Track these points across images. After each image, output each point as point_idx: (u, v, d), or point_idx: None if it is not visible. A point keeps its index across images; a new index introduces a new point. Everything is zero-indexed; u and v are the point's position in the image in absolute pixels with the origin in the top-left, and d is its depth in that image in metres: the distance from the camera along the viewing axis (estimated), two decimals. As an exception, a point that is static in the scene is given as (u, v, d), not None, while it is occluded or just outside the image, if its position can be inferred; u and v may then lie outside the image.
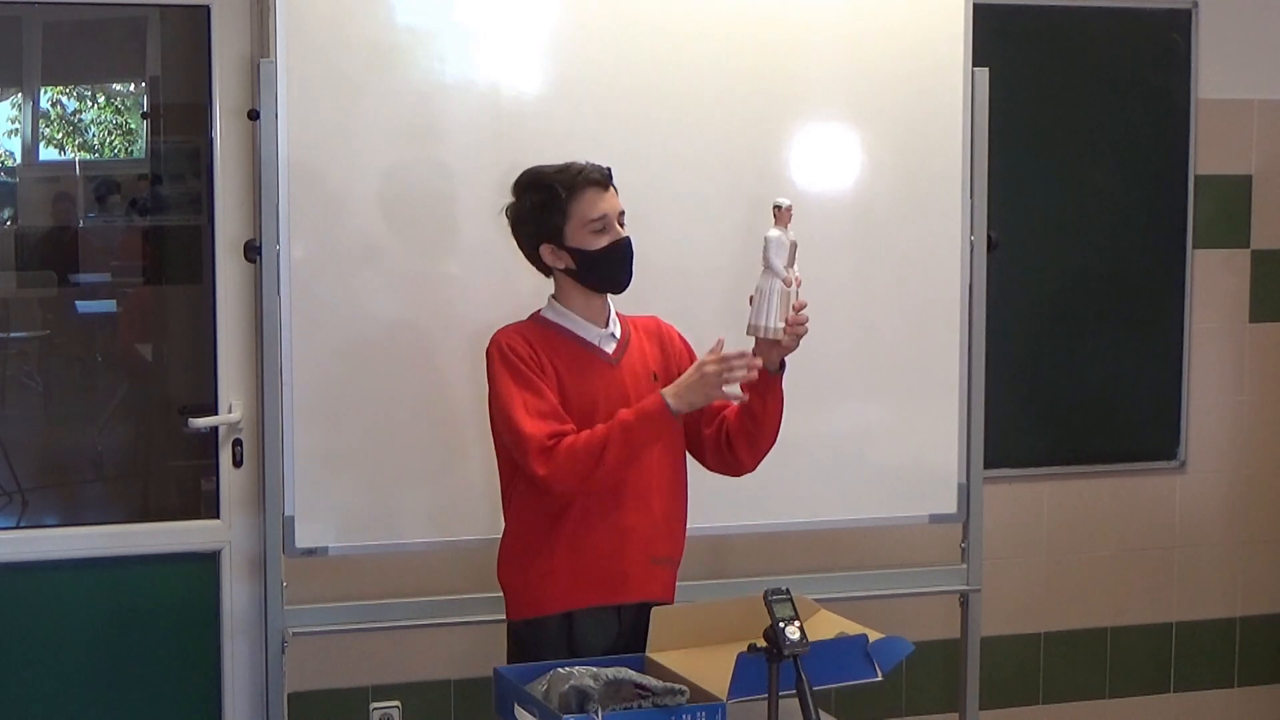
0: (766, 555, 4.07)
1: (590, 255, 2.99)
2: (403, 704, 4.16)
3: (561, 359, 3.01)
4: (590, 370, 3.03)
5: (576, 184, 2.98)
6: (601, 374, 3.03)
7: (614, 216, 3.01)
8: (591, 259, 3.00)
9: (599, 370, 3.04)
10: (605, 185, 3.01)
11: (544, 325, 3.06)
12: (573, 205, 2.98)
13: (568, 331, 3.05)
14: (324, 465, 3.52)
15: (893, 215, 3.84)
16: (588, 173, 2.99)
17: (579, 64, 3.64)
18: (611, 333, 3.08)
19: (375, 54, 3.51)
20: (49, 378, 4.67)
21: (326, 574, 3.80)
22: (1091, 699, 4.73)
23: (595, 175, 3.00)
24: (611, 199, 3.02)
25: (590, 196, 2.98)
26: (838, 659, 2.84)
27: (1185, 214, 4.64)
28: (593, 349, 3.05)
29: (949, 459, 3.89)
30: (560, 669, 2.76)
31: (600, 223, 2.98)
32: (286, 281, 3.46)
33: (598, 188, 2.99)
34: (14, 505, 4.47)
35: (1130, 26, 4.55)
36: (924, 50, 3.82)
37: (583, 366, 3.02)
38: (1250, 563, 4.83)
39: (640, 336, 3.13)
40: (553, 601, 3.04)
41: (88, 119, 4.72)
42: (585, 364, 3.03)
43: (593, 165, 3.02)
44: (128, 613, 3.99)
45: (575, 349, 3.03)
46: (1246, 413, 4.78)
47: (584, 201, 2.98)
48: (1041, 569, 4.66)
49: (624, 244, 3.02)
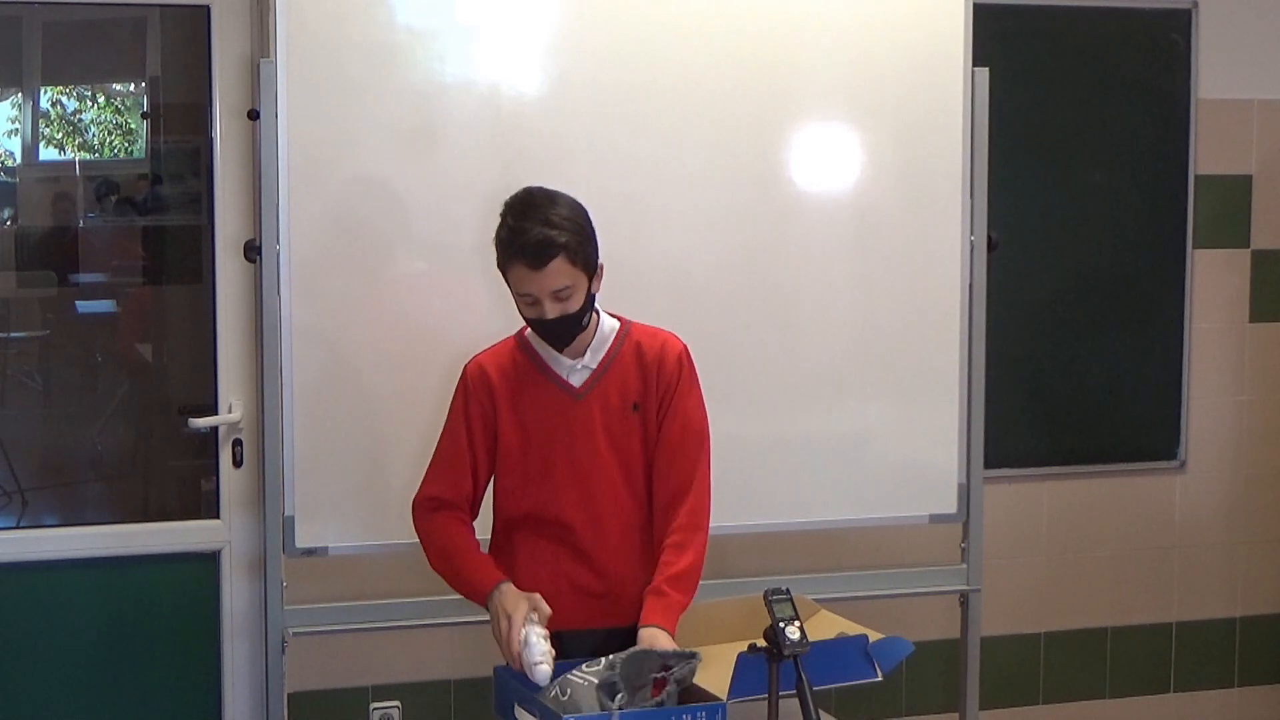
0: (766, 555, 4.07)
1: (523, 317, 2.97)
2: (403, 704, 4.16)
3: (526, 393, 2.99)
4: (551, 406, 2.99)
5: (510, 254, 2.86)
6: (563, 409, 2.99)
7: (543, 295, 2.84)
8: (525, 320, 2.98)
9: (561, 406, 2.99)
10: (539, 265, 2.82)
11: (522, 351, 3.02)
12: (506, 271, 2.89)
13: (540, 361, 3.00)
14: (324, 465, 3.52)
15: (893, 215, 3.84)
16: (519, 249, 2.83)
17: (579, 64, 3.64)
18: (587, 364, 3.00)
19: (375, 54, 3.51)
20: (49, 378, 4.66)
21: (326, 574, 3.80)
22: (1091, 699, 4.73)
23: (528, 255, 2.82)
24: (541, 279, 2.83)
25: (518, 272, 2.85)
26: (838, 659, 2.84)
27: (1185, 214, 4.64)
28: (559, 382, 2.99)
29: (949, 459, 3.89)
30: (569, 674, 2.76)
31: (528, 298, 2.88)
32: (286, 281, 3.46)
33: (525, 267, 2.83)
34: (14, 505, 4.46)
35: (1130, 26, 4.56)
36: (924, 50, 3.82)
37: (545, 402, 2.99)
38: (1250, 563, 4.83)
39: (626, 364, 3.02)
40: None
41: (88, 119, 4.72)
42: (548, 398, 2.99)
43: (535, 239, 2.81)
44: (128, 613, 3.99)
45: (542, 382, 3.00)
46: (1246, 413, 4.78)
47: (513, 274, 2.87)
48: (1041, 569, 4.66)
49: (545, 324, 2.89)
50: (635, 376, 3.02)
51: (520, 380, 3.00)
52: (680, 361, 3.05)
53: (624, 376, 3.02)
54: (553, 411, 2.99)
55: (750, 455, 3.75)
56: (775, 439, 3.79)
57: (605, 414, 3.00)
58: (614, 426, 3.00)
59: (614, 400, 3.01)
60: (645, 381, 3.02)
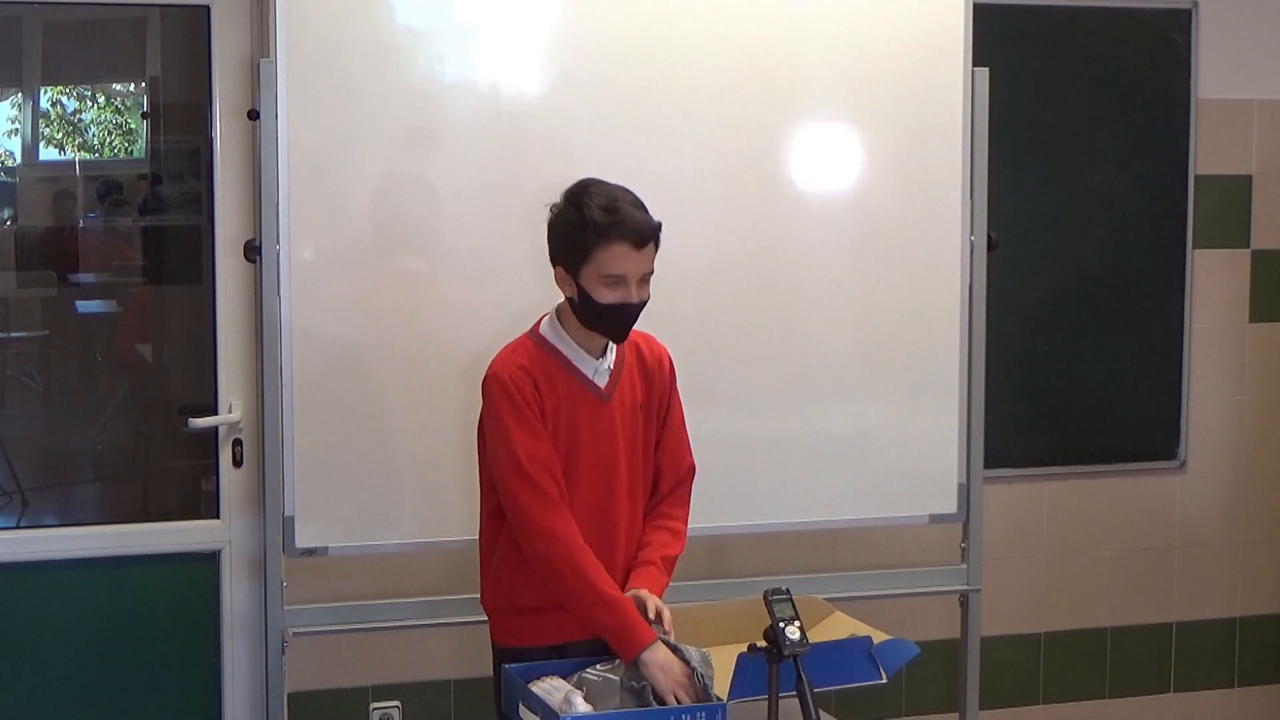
0: (766, 555, 4.07)
1: (594, 304, 2.87)
2: (403, 704, 4.16)
3: (558, 391, 2.93)
4: (582, 405, 2.95)
5: (611, 235, 2.82)
6: (591, 410, 2.96)
7: (634, 277, 2.85)
8: (594, 307, 2.88)
9: (590, 406, 2.96)
10: (641, 245, 2.84)
11: (543, 349, 2.96)
12: (597, 251, 2.83)
13: (565, 360, 2.95)
14: (324, 465, 3.52)
15: (893, 215, 3.84)
16: (628, 226, 2.83)
17: (579, 64, 3.64)
18: (607, 366, 2.98)
19: (375, 54, 3.51)
20: (49, 378, 4.66)
21: (326, 574, 3.80)
22: (1091, 699, 4.73)
23: (633, 234, 2.83)
24: (640, 259, 2.85)
25: (618, 251, 2.83)
26: (842, 660, 2.84)
27: (1185, 214, 4.64)
28: (587, 383, 2.96)
29: (949, 459, 3.90)
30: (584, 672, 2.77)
31: (617, 279, 2.85)
32: (286, 281, 3.46)
33: (630, 245, 2.83)
34: (14, 505, 4.46)
35: (1130, 26, 4.55)
36: (924, 50, 3.82)
37: (576, 400, 2.94)
38: (1250, 563, 4.83)
39: (631, 368, 3.03)
40: (548, 633, 2.97)
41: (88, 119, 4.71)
42: (579, 398, 2.95)
43: (639, 219, 2.85)
44: (128, 613, 3.99)
45: (570, 381, 2.95)
46: (1246, 413, 4.78)
47: (610, 253, 2.83)
48: (1041, 569, 4.66)
49: (630, 309, 2.88)
50: (640, 378, 3.04)
51: (554, 381, 2.93)
52: (670, 363, 3.11)
53: (632, 378, 3.03)
54: (586, 414, 2.96)
55: (750, 455, 3.76)
56: (775, 439, 3.79)
57: (622, 415, 3.00)
58: (627, 428, 3.00)
59: (627, 401, 3.01)
60: (648, 384, 3.05)
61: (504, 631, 3.02)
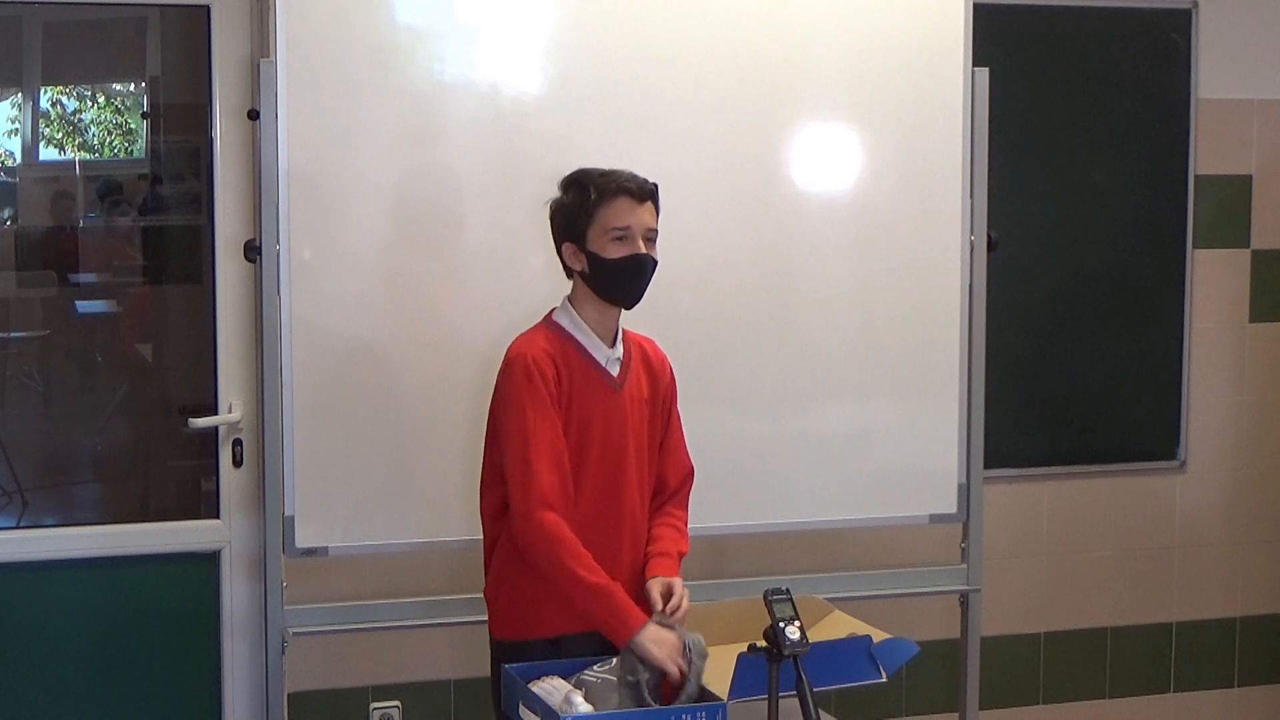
0: (766, 555, 4.07)
1: (605, 262, 2.94)
2: (403, 704, 4.15)
3: (580, 382, 2.98)
4: (596, 392, 2.99)
5: (610, 190, 2.95)
6: (605, 397, 3.00)
7: (639, 230, 2.95)
8: (605, 266, 2.94)
9: (604, 393, 3.00)
10: (640, 199, 2.96)
11: (560, 335, 3.01)
12: (600, 209, 2.94)
13: (581, 347, 3.00)
14: (324, 465, 3.52)
15: (893, 215, 3.84)
16: (625, 181, 2.96)
17: (579, 64, 3.64)
18: (617, 356, 3.04)
19: (375, 54, 3.51)
20: (49, 378, 4.66)
21: (326, 574, 3.80)
22: (1091, 699, 4.73)
23: (631, 186, 2.96)
24: (642, 213, 2.96)
25: (620, 205, 2.94)
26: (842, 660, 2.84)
27: (1185, 214, 4.64)
28: (601, 370, 3.01)
29: (949, 459, 3.90)
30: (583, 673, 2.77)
31: (622, 232, 2.94)
32: (286, 281, 3.46)
33: (630, 198, 2.95)
34: (14, 505, 4.46)
35: (1130, 26, 4.55)
36: (924, 50, 3.82)
37: (591, 386, 2.99)
38: (1250, 563, 4.83)
39: (638, 363, 3.09)
40: (544, 625, 2.98)
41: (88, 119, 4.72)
42: (593, 384, 2.99)
43: (635, 177, 2.98)
44: (128, 613, 3.99)
45: (585, 368, 2.99)
46: (1246, 413, 4.78)
47: (612, 208, 2.94)
48: (1041, 569, 4.66)
49: (640, 259, 2.95)
50: (646, 374, 3.09)
51: (572, 368, 2.98)
52: (672, 371, 3.17)
53: (639, 372, 3.08)
54: (599, 400, 3.00)
55: (750, 455, 3.76)
56: (775, 439, 3.79)
57: (632, 405, 3.04)
58: (636, 418, 3.04)
59: (635, 394, 3.06)
60: (654, 381, 3.10)
61: (501, 624, 3.04)
